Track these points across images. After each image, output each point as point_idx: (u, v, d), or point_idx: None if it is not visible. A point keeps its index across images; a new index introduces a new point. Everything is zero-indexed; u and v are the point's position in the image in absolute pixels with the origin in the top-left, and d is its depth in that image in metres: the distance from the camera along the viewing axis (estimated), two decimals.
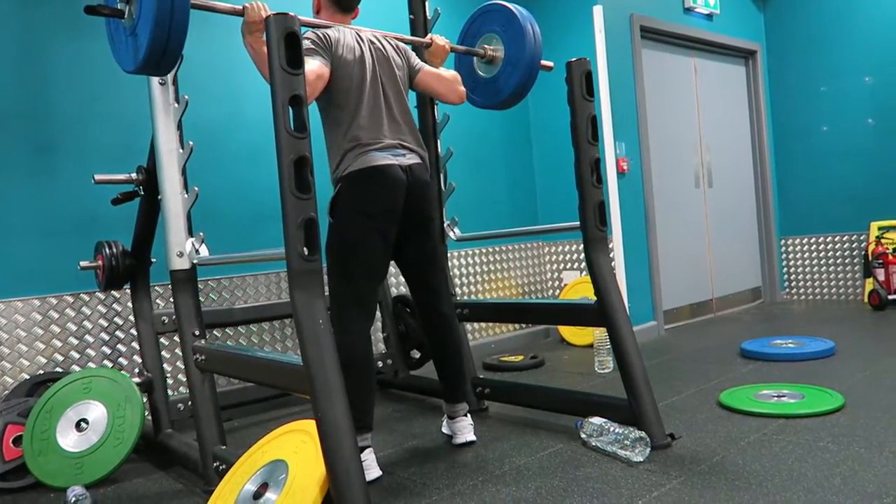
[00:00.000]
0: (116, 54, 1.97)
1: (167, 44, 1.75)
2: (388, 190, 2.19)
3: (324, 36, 2.19)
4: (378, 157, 2.19)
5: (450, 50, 2.62)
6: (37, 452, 2.30)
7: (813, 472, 1.92)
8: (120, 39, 1.92)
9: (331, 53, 2.18)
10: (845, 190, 5.20)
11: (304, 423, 1.84)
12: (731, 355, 3.59)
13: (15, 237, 2.67)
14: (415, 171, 2.26)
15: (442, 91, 2.49)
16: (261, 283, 3.30)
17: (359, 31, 2.32)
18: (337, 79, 2.19)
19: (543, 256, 4.69)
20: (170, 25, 1.72)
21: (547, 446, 2.34)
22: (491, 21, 2.77)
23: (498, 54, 2.75)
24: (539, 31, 2.68)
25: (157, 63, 1.81)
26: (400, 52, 2.41)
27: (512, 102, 2.79)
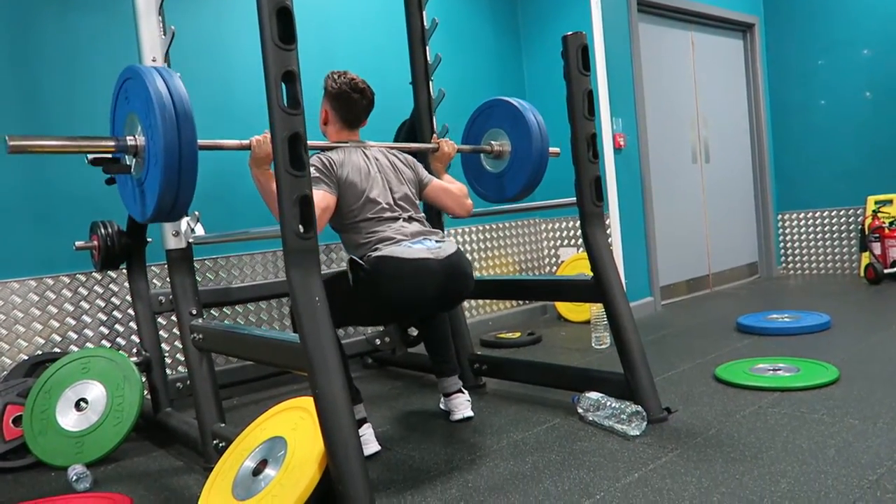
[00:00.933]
0: (125, 200, 1.96)
1: (177, 197, 1.74)
2: (422, 286, 2.08)
3: (328, 161, 2.18)
4: (412, 247, 2.10)
5: (455, 153, 2.66)
6: (37, 432, 2.31)
7: (807, 444, 1.93)
8: (127, 189, 1.91)
9: (335, 177, 2.17)
10: (842, 164, 5.19)
11: (302, 400, 1.85)
12: (728, 330, 3.61)
13: (9, 218, 2.66)
14: (452, 262, 2.13)
15: (450, 205, 2.51)
16: (257, 261, 3.30)
17: (366, 149, 2.32)
18: (345, 199, 2.19)
19: (540, 233, 4.68)
20: (178, 180, 1.71)
21: (544, 421, 2.36)
22: (495, 117, 2.81)
23: (505, 149, 2.79)
24: (543, 122, 2.72)
25: (167, 215, 1.80)
26: (409, 165, 2.42)
27: (522, 196, 2.84)
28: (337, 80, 2.31)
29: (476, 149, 2.82)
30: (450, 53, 2.94)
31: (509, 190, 2.83)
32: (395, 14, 3.15)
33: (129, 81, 1.82)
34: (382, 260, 2.07)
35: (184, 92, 1.73)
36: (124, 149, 1.81)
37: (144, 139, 1.77)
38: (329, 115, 2.37)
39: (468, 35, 4.28)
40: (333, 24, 3.58)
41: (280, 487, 1.64)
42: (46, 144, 1.76)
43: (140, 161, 1.81)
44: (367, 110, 2.38)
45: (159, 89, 1.70)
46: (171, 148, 1.68)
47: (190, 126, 1.71)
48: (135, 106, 1.80)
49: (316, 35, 3.43)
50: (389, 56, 3.63)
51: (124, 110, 1.87)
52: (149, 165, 1.76)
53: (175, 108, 1.70)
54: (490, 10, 4.44)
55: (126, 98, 1.85)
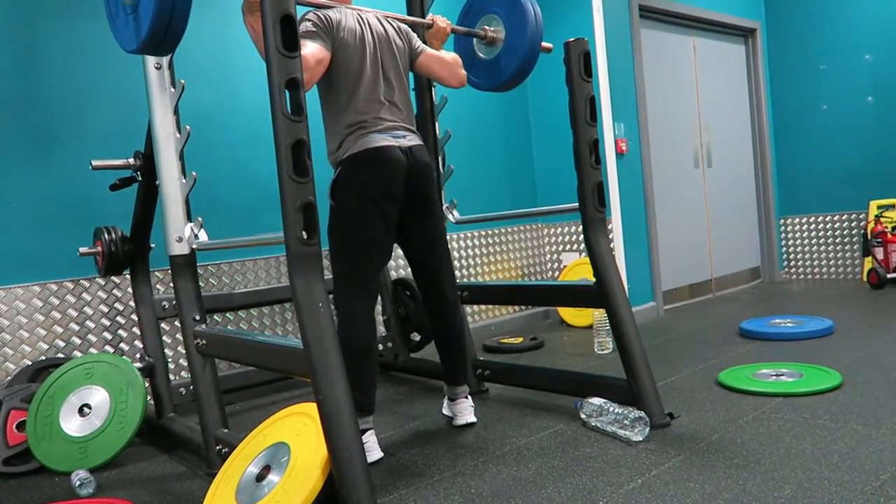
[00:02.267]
0: (116, 34, 1.94)
1: (170, 21, 1.72)
2: (388, 171, 2.18)
3: (325, 18, 2.16)
4: (378, 138, 2.18)
5: (451, 31, 2.59)
6: (40, 437, 2.32)
7: (811, 450, 1.93)
8: (120, 18, 1.89)
9: (332, 36, 2.15)
10: (845, 169, 5.19)
11: (306, 406, 1.85)
12: (731, 335, 3.61)
13: (14, 224, 2.67)
14: (415, 153, 2.25)
15: (443, 75, 2.47)
16: (260, 267, 3.30)
17: (360, 12, 2.29)
18: (337, 61, 2.17)
19: (542, 238, 4.69)
20: (173, 2, 1.69)
21: (547, 427, 2.36)
22: (492, 2, 2.74)
23: (499, 35, 2.71)
24: (540, 13, 2.65)
25: (160, 42, 1.78)
26: (402, 35, 2.38)
27: (513, 84, 2.77)
28: None
29: (470, 31, 2.74)
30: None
31: (503, 74, 2.74)
32: None
33: None
34: (349, 158, 2.16)
35: None
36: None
37: None
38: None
39: None
40: None
41: (283, 493, 1.65)
42: None
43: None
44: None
45: None
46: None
47: None
48: None
49: None
50: None
51: None
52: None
53: None
54: None
55: None
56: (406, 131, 2.27)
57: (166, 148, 2.22)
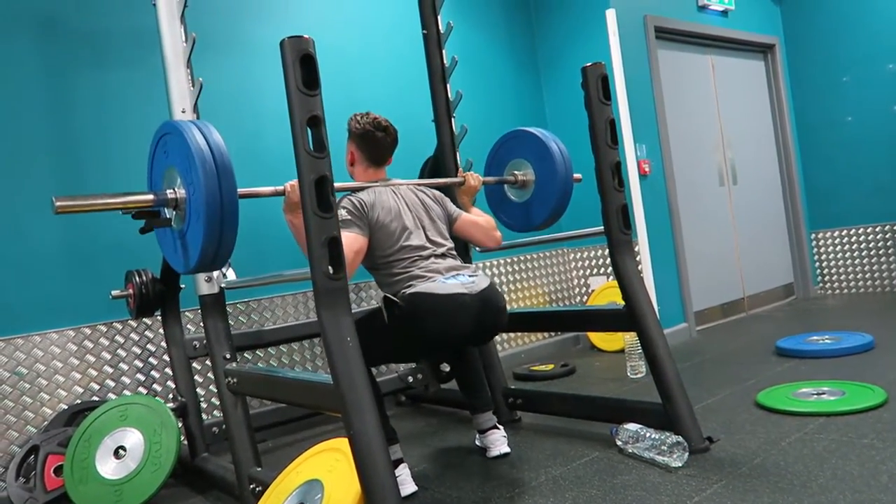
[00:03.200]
0: (166, 253, 1.99)
1: (219, 246, 1.74)
2: (456, 321, 2.10)
3: (358, 203, 2.21)
4: (446, 283, 2.12)
5: (481, 186, 2.68)
6: (77, 481, 2.33)
7: (858, 471, 1.86)
8: (168, 240, 1.94)
9: (367, 219, 2.20)
10: (874, 179, 5.10)
11: (338, 442, 1.84)
12: (767, 354, 3.53)
13: (48, 270, 2.73)
14: (486, 296, 2.16)
15: (480, 238, 2.55)
16: (288, 303, 3.32)
17: (394, 188, 2.36)
18: (377, 239, 2.21)
19: (569, 263, 4.66)
20: (220, 230, 1.72)
21: (582, 455, 2.31)
22: (518, 147, 2.82)
23: (528, 178, 2.79)
24: (567, 153, 2.71)
25: (210, 264, 1.81)
26: (437, 201, 2.45)
27: (549, 224, 2.83)
28: (360, 121, 2.35)
29: (501, 180, 2.83)
30: (470, 90, 2.97)
31: (535, 218, 2.81)
32: (415, 54, 3.20)
33: (167, 136, 1.85)
34: (417, 296, 2.09)
35: (223, 145, 1.76)
36: (164, 202, 1.84)
37: (185, 192, 1.79)
38: (355, 156, 2.40)
39: (488, 71, 4.33)
40: (355, 66, 3.66)
41: None
42: (90, 203, 1.79)
43: (181, 214, 1.83)
44: (392, 147, 2.42)
45: (199, 143, 1.72)
46: (212, 200, 1.69)
47: (230, 178, 1.73)
48: (174, 160, 1.82)
49: (338, 78, 3.50)
50: (412, 95, 3.69)
51: (162, 164, 1.89)
52: (190, 218, 1.78)
53: (215, 161, 1.71)
54: (509, 44, 4.49)
55: (164, 152, 1.88)
56: (471, 274, 2.22)
57: None
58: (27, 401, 2.64)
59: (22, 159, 2.71)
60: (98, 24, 2.90)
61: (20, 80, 2.71)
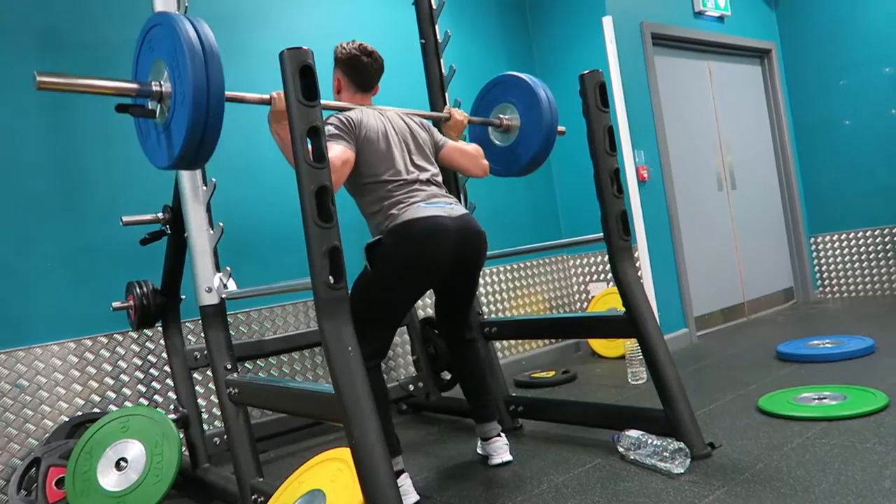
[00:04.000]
0: (147, 150, 1.96)
1: (202, 138, 1.73)
2: (437, 244, 2.15)
3: (346, 119, 2.20)
4: (424, 208, 2.16)
5: (467, 123, 2.67)
6: (79, 493, 2.33)
7: (861, 475, 1.86)
8: (150, 136, 1.90)
9: (355, 135, 2.19)
10: (873, 182, 5.10)
11: (340, 452, 1.84)
12: (768, 359, 3.52)
13: (49, 283, 2.73)
14: (465, 222, 2.23)
15: (467, 165, 2.53)
16: (289, 313, 3.32)
17: (382, 111, 2.35)
18: (364, 156, 2.20)
19: (569, 269, 4.66)
20: (205, 120, 1.70)
21: (585, 462, 2.31)
22: (505, 91, 2.82)
23: (514, 123, 2.79)
24: (554, 101, 2.71)
25: (192, 158, 1.78)
26: (423, 128, 2.44)
27: (531, 170, 2.83)
28: (346, 47, 2.34)
29: (486, 121, 2.80)
30: (469, 98, 2.97)
31: (519, 161, 2.79)
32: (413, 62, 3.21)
33: (157, 28, 1.79)
34: (396, 227, 2.12)
35: (213, 40, 1.71)
36: (149, 94, 1.78)
37: (171, 85, 1.75)
38: (342, 82, 2.38)
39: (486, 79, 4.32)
40: None
41: None
42: (73, 83, 1.72)
43: (165, 107, 1.79)
44: (379, 73, 2.40)
45: (189, 35, 1.68)
46: (199, 91, 1.65)
47: (218, 73, 1.69)
48: (161, 53, 1.77)
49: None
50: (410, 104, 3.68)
51: (149, 57, 1.84)
52: (175, 110, 1.73)
53: (205, 54, 1.67)
54: (506, 52, 4.51)
55: (151, 46, 1.82)
56: (452, 200, 2.27)
57: (193, 200, 2.27)
58: (28, 413, 2.63)
59: (23, 171, 2.71)
60: (98, 36, 2.90)
61: (21, 93, 2.72)
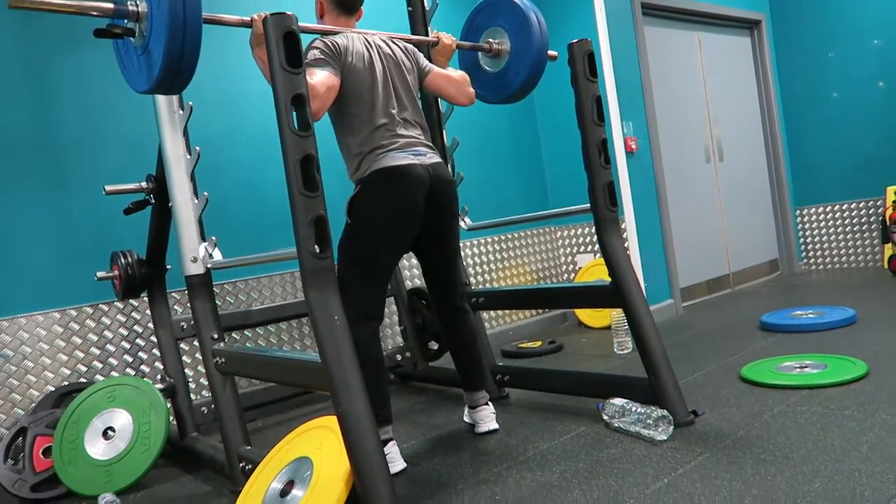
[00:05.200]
0: (128, 75, 1.93)
1: (181, 58, 1.70)
2: (410, 190, 2.16)
3: (332, 44, 2.15)
4: (398, 157, 2.16)
5: (456, 47, 2.59)
6: (66, 462, 2.34)
7: (839, 441, 1.90)
8: (131, 60, 1.88)
9: (340, 61, 2.15)
10: (859, 155, 5.13)
11: (327, 420, 1.85)
12: (752, 329, 3.57)
13: (32, 253, 2.70)
14: (436, 170, 2.23)
15: (452, 92, 2.48)
16: (276, 283, 3.32)
17: (367, 36, 2.29)
18: (348, 86, 2.16)
19: (556, 241, 4.67)
20: (183, 38, 1.68)
21: (570, 430, 2.34)
22: (495, 14, 2.73)
23: (504, 48, 2.71)
24: (544, 22, 2.64)
25: (172, 80, 1.77)
26: (409, 55, 2.38)
27: (521, 96, 2.77)
28: None
29: (475, 46, 2.74)
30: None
31: (510, 86, 2.74)
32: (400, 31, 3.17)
33: None
34: (371, 176, 2.14)
35: None
36: (125, 14, 1.76)
37: (147, 4, 1.73)
38: (325, 5, 2.31)
39: None
40: None
41: None
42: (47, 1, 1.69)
43: (143, 28, 1.77)
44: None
45: None
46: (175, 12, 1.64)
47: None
48: None
49: None
50: None
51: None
52: (152, 29, 1.72)
53: None
54: None
55: None
56: (426, 148, 2.26)
57: (177, 170, 2.24)
58: (14, 383, 2.63)
59: (4, 140, 2.67)
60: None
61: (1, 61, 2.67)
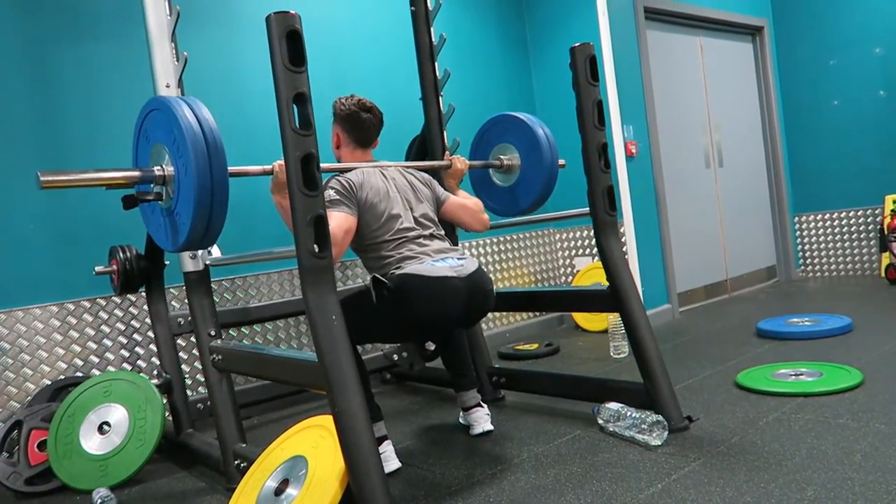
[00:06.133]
0: (153, 230, 1.95)
1: (208, 228, 1.72)
2: (445, 305, 2.10)
3: (347, 183, 2.18)
4: (436, 266, 2.12)
5: (467, 169, 2.68)
6: (61, 456, 2.33)
7: (833, 450, 1.91)
8: (156, 219, 1.90)
9: (356, 200, 2.17)
10: (858, 164, 5.14)
11: (322, 419, 1.85)
12: (748, 335, 3.57)
13: (31, 246, 2.70)
14: (474, 280, 2.16)
15: (468, 221, 2.52)
16: (274, 280, 3.32)
17: (382, 168, 2.33)
18: (366, 220, 2.19)
19: (555, 243, 4.68)
20: (210, 211, 1.69)
21: (564, 433, 2.34)
22: (504, 131, 2.82)
23: (514, 163, 2.80)
24: (553, 140, 2.71)
25: (198, 244, 1.78)
26: (425, 183, 2.43)
27: (533, 210, 2.84)
28: (345, 103, 2.35)
29: (487, 164, 2.84)
30: (459, 68, 2.96)
31: (520, 203, 2.83)
32: (403, 31, 3.17)
33: (155, 112, 1.81)
34: (407, 277, 2.08)
35: (213, 122, 1.73)
36: (151, 179, 1.80)
37: (173, 169, 1.76)
38: (341, 138, 2.38)
39: (477, 49, 4.30)
40: (342, 43, 3.62)
41: None
42: (76, 179, 1.76)
43: (169, 191, 1.80)
44: (378, 129, 2.41)
45: (189, 121, 1.69)
46: (203, 179, 1.67)
47: (221, 157, 1.70)
48: (161, 137, 1.79)
49: (326, 55, 3.46)
50: (399, 73, 3.67)
51: (149, 142, 1.86)
52: (179, 196, 1.74)
53: (206, 140, 1.69)
54: (497, 23, 4.46)
55: (151, 129, 1.84)
56: (460, 256, 2.22)
57: None
58: (10, 376, 2.63)
59: (3, 136, 2.67)
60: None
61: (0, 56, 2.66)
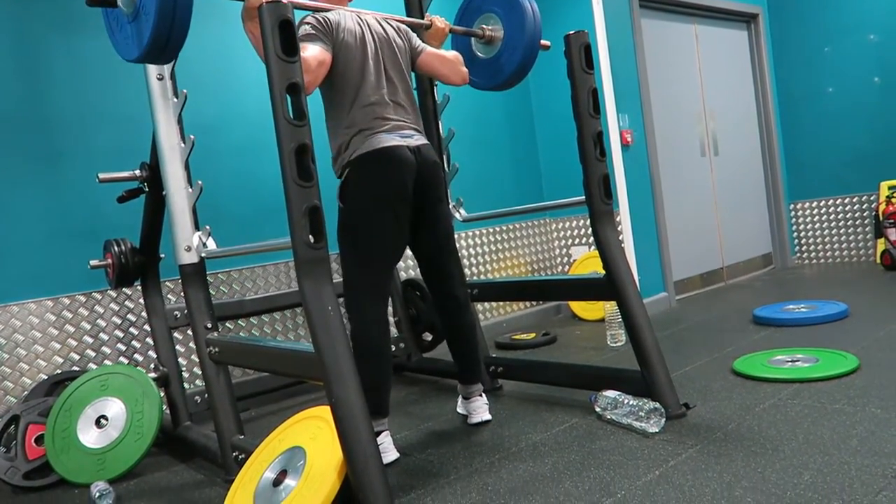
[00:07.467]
0: (117, 45, 1.93)
1: (172, 27, 1.70)
2: (398, 172, 2.16)
3: (324, 20, 2.15)
4: (386, 138, 2.16)
5: (449, 31, 2.58)
6: (59, 450, 2.33)
7: (829, 435, 1.92)
8: (121, 29, 1.89)
9: (332, 38, 2.14)
10: (853, 151, 5.15)
11: (320, 410, 1.85)
12: (744, 322, 3.58)
13: (25, 240, 2.69)
14: (423, 152, 2.23)
15: (445, 72, 2.47)
16: (270, 273, 3.31)
17: (359, 14, 2.28)
18: (339, 63, 2.16)
19: (551, 233, 4.67)
20: (174, 5, 1.68)
21: (562, 421, 2.35)
22: (489, 1, 2.72)
23: (497, 34, 2.70)
24: (538, 11, 2.63)
25: (162, 48, 1.76)
26: (401, 34, 2.37)
27: (513, 83, 2.76)
28: None
29: (468, 31, 2.73)
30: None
31: (499, 76, 2.74)
32: None
33: None
34: (357, 159, 2.14)
35: None
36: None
37: None
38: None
39: None
40: None
41: (301, 497, 1.65)
42: None
43: None
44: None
45: None
46: None
47: None
48: None
49: None
50: None
51: None
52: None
53: None
54: None
55: None
56: (413, 131, 2.26)
57: (171, 158, 2.23)
58: (6, 371, 2.62)
59: None
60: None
61: None
